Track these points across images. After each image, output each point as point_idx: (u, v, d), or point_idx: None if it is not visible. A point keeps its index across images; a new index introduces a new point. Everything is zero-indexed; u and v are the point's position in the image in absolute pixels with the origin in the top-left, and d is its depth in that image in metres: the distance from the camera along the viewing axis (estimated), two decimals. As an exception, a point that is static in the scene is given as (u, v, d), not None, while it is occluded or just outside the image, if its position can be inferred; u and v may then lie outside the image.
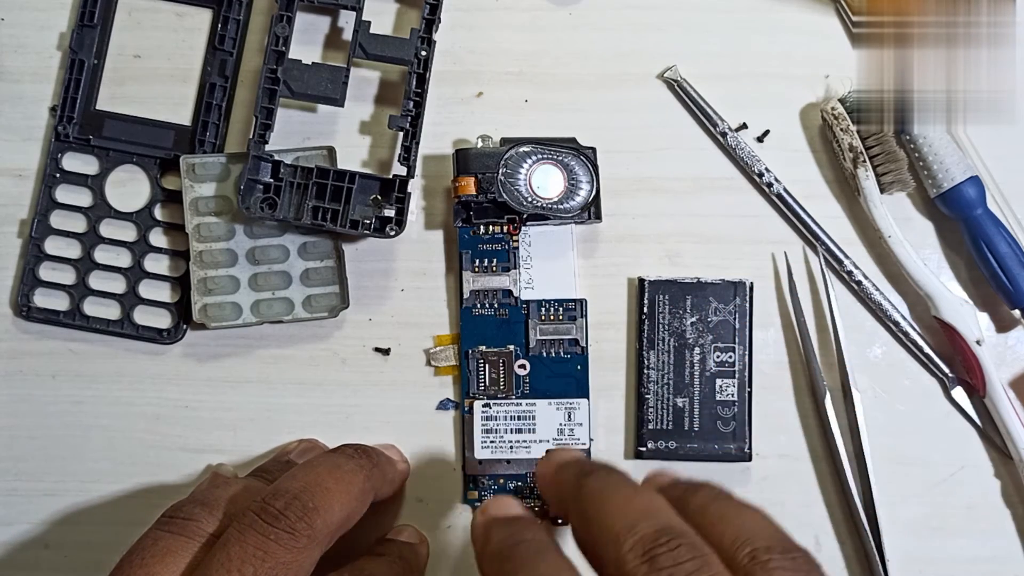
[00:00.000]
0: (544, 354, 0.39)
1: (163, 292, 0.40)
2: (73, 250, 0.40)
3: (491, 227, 0.39)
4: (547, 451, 0.35)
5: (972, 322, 0.38)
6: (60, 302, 0.40)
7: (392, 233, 0.38)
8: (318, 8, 0.40)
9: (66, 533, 0.39)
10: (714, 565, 0.25)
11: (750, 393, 0.38)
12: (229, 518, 0.31)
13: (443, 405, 0.39)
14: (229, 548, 0.29)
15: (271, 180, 0.38)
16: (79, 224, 0.40)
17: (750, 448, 0.38)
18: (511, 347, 0.38)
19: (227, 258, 0.39)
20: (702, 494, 0.28)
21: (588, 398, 0.38)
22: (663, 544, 0.25)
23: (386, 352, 0.40)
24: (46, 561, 0.39)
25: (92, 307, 0.40)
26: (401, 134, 0.38)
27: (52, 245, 0.40)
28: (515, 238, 0.39)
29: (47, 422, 0.40)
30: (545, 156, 0.38)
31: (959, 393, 0.39)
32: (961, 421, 0.39)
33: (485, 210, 0.38)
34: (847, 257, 0.39)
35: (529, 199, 0.37)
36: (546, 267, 0.39)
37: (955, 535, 0.39)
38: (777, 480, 0.39)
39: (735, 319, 0.39)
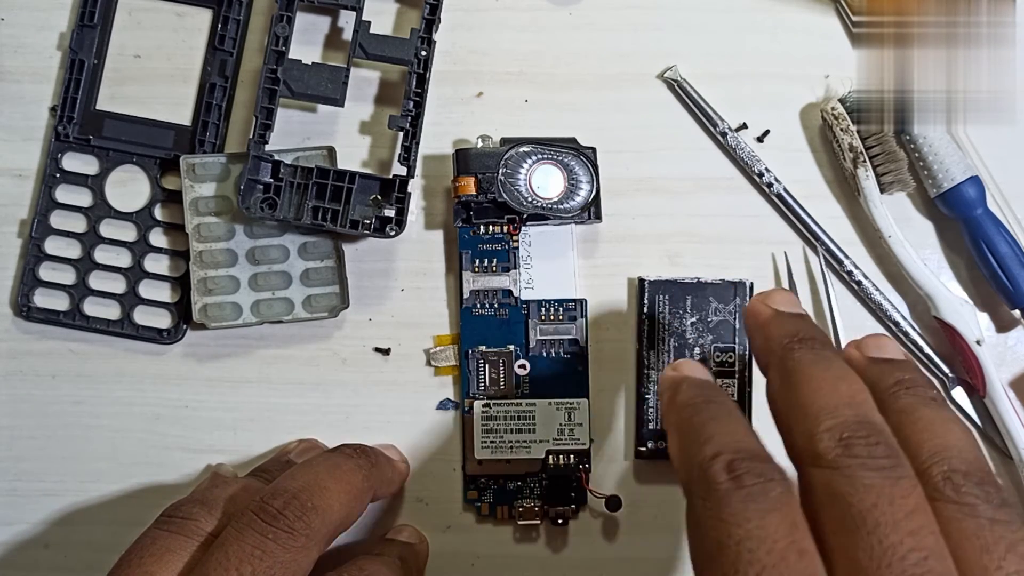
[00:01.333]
0: (544, 354, 0.39)
1: (163, 292, 0.40)
2: (73, 250, 0.40)
3: (491, 227, 0.39)
4: (767, 292, 0.31)
5: (972, 322, 0.38)
6: (60, 302, 0.40)
7: (392, 233, 0.38)
8: (318, 8, 0.40)
9: (66, 533, 0.39)
10: (907, 468, 0.24)
11: (750, 393, 0.38)
12: (228, 517, 0.31)
13: (443, 405, 0.39)
14: (227, 547, 0.29)
15: (271, 180, 0.38)
16: (79, 224, 0.40)
17: (750, 448, 0.38)
18: (511, 347, 0.38)
19: (227, 258, 0.39)
20: (912, 394, 0.27)
21: (588, 398, 0.38)
22: (861, 436, 0.24)
23: (386, 352, 0.40)
24: (46, 561, 0.39)
25: (92, 307, 0.40)
26: (401, 134, 0.38)
27: (52, 245, 0.40)
28: (515, 238, 0.39)
29: (47, 422, 0.40)
30: (545, 156, 0.38)
31: (959, 393, 0.39)
32: (961, 421, 0.39)
33: (485, 210, 0.38)
34: (847, 257, 0.39)
35: (529, 199, 0.37)
36: (546, 267, 0.39)
37: (955, 535, 0.39)
38: (777, 480, 0.39)
39: (735, 319, 0.39)
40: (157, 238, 0.40)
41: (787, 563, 0.22)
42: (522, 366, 0.38)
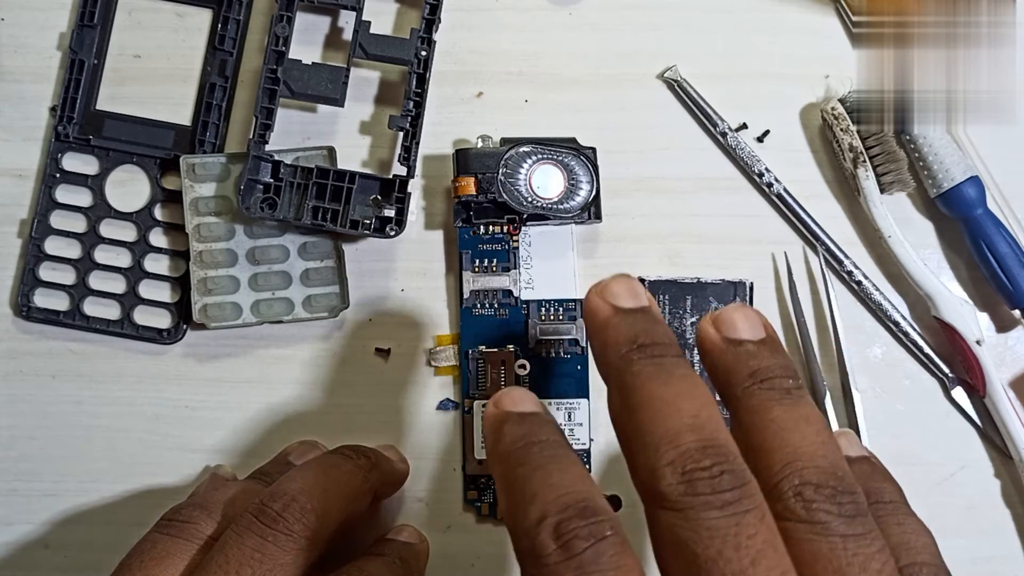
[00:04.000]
0: (544, 354, 0.39)
1: (163, 292, 0.40)
2: (73, 250, 0.40)
3: (491, 227, 0.39)
4: (606, 282, 0.28)
5: (972, 322, 0.38)
6: (60, 302, 0.40)
7: (392, 233, 0.38)
8: (318, 8, 0.40)
9: (66, 533, 0.39)
10: (754, 497, 0.23)
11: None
12: (227, 520, 0.31)
13: (443, 405, 0.39)
14: (227, 550, 0.29)
15: (271, 180, 0.38)
16: (79, 224, 0.40)
17: (750, 448, 0.38)
18: (511, 347, 0.38)
19: (227, 258, 0.39)
20: (766, 389, 0.25)
21: (588, 398, 0.38)
22: (704, 468, 0.23)
23: (386, 352, 0.40)
24: (46, 561, 0.39)
25: (92, 307, 0.40)
26: (401, 134, 0.38)
27: (52, 245, 0.40)
28: (515, 238, 0.39)
29: (47, 422, 0.40)
30: (545, 156, 0.38)
31: (959, 393, 0.39)
32: (961, 421, 0.39)
33: (485, 210, 0.38)
34: (847, 257, 0.39)
35: (529, 199, 0.37)
36: (546, 267, 0.39)
37: (955, 535, 0.39)
38: (777, 480, 0.39)
39: (735, 319, 0.38)
40: (157, 238, 0.40)
41: None
42: (522, 366, 0.38)
